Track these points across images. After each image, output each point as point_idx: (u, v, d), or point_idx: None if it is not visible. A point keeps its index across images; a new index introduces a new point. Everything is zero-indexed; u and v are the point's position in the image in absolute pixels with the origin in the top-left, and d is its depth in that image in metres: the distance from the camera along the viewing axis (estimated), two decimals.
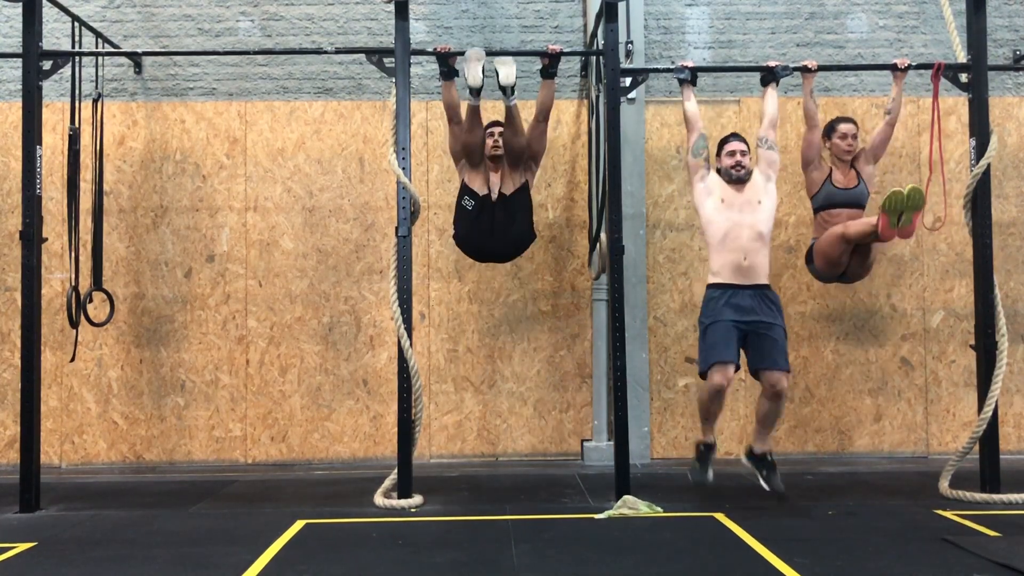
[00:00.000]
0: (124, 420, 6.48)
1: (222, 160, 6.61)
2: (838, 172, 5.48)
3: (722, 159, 5.13)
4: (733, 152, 5.09)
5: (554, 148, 6.58)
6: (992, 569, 3.75)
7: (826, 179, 5.46)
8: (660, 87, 6.73)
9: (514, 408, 6.55)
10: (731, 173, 5.06)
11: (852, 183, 5.45)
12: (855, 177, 5.47)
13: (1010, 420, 6.50)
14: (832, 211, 5.43)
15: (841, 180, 5.45)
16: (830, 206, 5.43)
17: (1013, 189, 6.68)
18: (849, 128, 5.49)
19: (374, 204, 6.59)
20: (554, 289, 6.58)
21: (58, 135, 6.41)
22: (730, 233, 4.97)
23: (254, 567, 3.91)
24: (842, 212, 5.41)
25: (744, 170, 5.06)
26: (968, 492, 5.10)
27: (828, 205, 5.44)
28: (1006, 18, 6.80)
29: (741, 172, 5.05)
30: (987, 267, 5.32)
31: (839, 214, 5.41)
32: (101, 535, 4.57)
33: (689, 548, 4.20)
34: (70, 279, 5.94)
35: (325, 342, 6.54)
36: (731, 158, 5.08)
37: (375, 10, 6.70)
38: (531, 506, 5.11)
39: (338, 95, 6.70)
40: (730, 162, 5.08)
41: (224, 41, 6.66)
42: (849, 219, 5.40)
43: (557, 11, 6.79)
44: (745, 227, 4.97)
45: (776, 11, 6.79)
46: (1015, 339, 6.45)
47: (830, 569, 3.80)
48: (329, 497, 5.42)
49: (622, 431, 5.12)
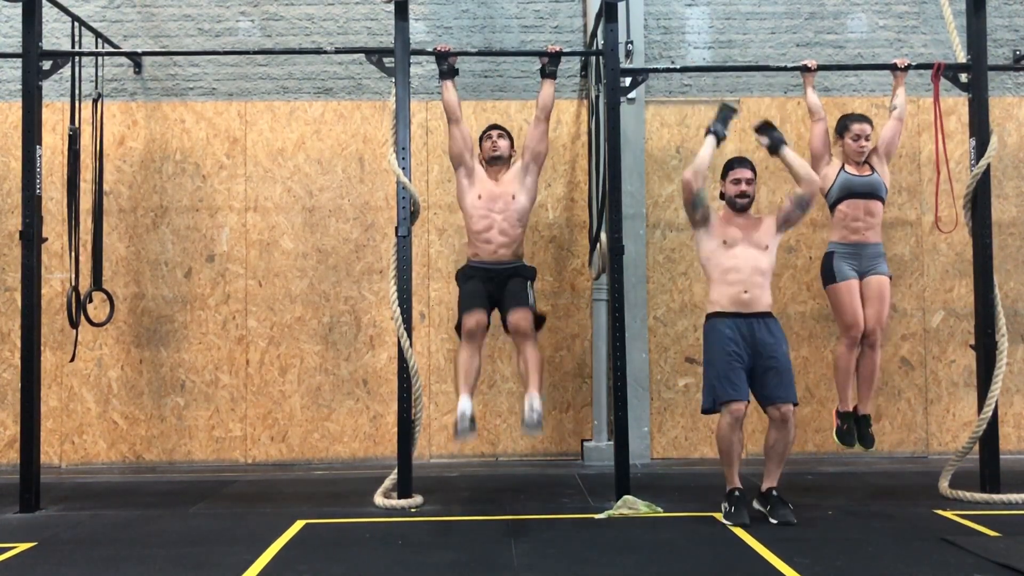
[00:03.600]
0: (124, 420, 6.48)
1: (222, 160, 6.61)
2: (850, 165, 5.35)
3: (726, 185, 4.88)
4: (738, 180, 4.84)
5: (554, 148, 6.57)
6: (992, 569, 3.75)
7: (839, 170, 5.31)
8: (660, 87, 6.73)
9: (514, 408, 6.55)
10: (735, 202, 4.83)
11: (867, 171, 5.32)
12: (869, 168, 5.34)
13: (1010, 420, 6.50)
14: (851, 201, 5.24)
15: (855, 169, 5.32)
16: (848, 196, 5.24)
17: (1013, 189, 6.68)
18: (863, 128, 5.31)
19: (374, 204, 6.59)
20: (554, 289, 6.58)
21: (58, 135, 6.41)
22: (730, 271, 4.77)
23: (254, 567, 3.91)
24: (860, 203, 5.23)
25: (748, 199, 4.83)
26: (968, 492, 5.10)
27: (846, 195, 5.25)
28: (1006, 18, 6.80)
29: (745, 201, 4.82)
30: (987, 267, 5.32)
31: (858, 205, 5.23)
32: (101, 535, 4.58)
33: (689, 548, 4.20)
34: (70, 279, 5.94)
35: (325, 342, 6.54)
36: (736, 186, 4.84)
37: (375, 10, 6.70)
38: (531, 506, 5.11)
39: (338, 95, 6.70)
40: (735, 190, 4.84)
41: (224, 41, 6.66)
42: (868, 213, 5.23)
43: (557, 11, 6.79)
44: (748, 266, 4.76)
45: (776, 11, 6.79)
46: (1015, 339, 6.45)
47: (830, 569, 3.80)
48: (329, 497, 5.42)
49: (622, 431, 5.12)
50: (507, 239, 5.23)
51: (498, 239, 5.23)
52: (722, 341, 4.72)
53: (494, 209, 5.24)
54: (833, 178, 5.32)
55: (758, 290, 4.77)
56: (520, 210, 5.27)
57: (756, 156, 6.60)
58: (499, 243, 5.23)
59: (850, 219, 5.27)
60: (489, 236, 5.23)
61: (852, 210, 5.26)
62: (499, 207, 5.24)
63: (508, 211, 5.23)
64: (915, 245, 6.62)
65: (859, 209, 5.25)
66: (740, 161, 4.98)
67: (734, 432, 4.67)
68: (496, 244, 5.23)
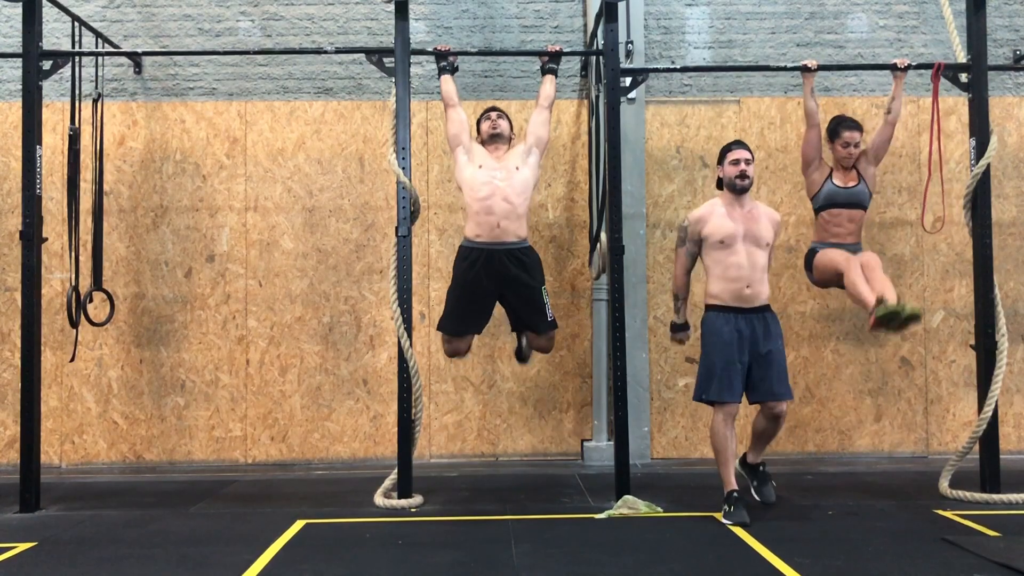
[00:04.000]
0: (124, 420, 6.48)
1: (222, 160, 6.61)
2: (838, 172, 5.48)
3: (725, 168, 4.90)
4: (737, 161, 4.86)
5: (554, 148, 6.58)
6: (992, 569, 3.75)
7: (826, 179, 5.44)
8: (660, 87, 6.73)
9: (514, 408, 6.55)
10: (735, 184, 4.85)
11: (852, 182, 5.43)
12: (856, 176, 5.46)
13: (1010, 420, 6.50)
14: (833, 211, 5.42)
15: (841, 179, 5.44)
16: (831, 206, 5.42)
17: (1013, 189, 6.68)
18: (852, 136, 5.41)
19: (374, 204, 6.59)
20: (554, 289, 6.57)
21: (58, 135, 6.41)
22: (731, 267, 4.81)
23: (254, 567, 3.91)
24: (843, 212, 5.40)
25: (748, 180, 4.85)
26: (968, 492, 5.10)
27: (829, 205, 5.42)
28: (1006, 18, 6.80)
29: (745, 182, 4.84)
30: (987, 267, 5.32)
31: (840, 214, 5.40)
32: (101, 535, 4.58)
33: (689, 548, 4.20)
34: (70, 279, 5.94)
35: (325, 342, 6.54)
36: (735, 167, 4.85)
37: (375, 10, 6.70)
38: (531, 506, 5.11)
39: (338, 95, 6.70)
40: (734, 171, 4.85)
41: (224, 41, 6.66)
42: (850, 220, 5.40)
43: (557, 11, 6.79)
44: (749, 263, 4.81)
45: (776, 11, 6.79)
46: (1015, 339, 6.45)
47: (830, 569, 3.81)
48: (329, 497, 5.42)
49: (622, 431, 5.12)
50: (510, 207, 5.05)
51: (501, 207, 5.05)
52: (721, 339, 4.77)
53: (496, 177, 5.11)
54: (820, 185, 5.44)
55: (759, 286, 4.83)
56: (523, 180, 5.13)
57: (756, 156, 6.62)
58: (502, 213, 5.04)
59: (832, 225, 5.44)
60: (491, 204, 5.04)
61: (834, 218, 5.43)
62: (501, 176, 5.11)
63: (511, 180, 5.09)
64: (915, 245, 6.62)
65: (841, 217, 5.41)
66: (738, 143, 5.00)
67: (727, 428, 4.75)
68: (498, 215, 5.04)
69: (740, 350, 4.75)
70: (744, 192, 4.89)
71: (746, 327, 4.78)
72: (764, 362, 4.77)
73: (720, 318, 4.81)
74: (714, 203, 4.97)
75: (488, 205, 5.07)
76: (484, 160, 5.21)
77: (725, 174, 4.92)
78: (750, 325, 4.79)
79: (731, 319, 4.79)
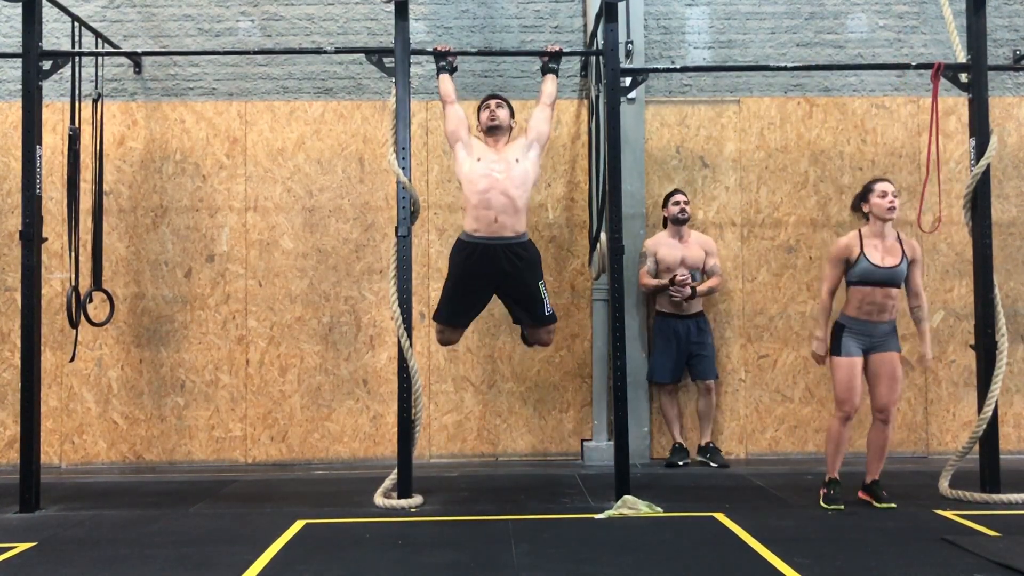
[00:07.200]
0: (124, 420, 6.48)
1: (222, 160, 6.61)
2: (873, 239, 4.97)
3: (668, 208, 6.29)
4: (678, 202, 6.29)
5: (554, 148, 6.58)
6: (992, 569, 3.75)
7: (860, 254, 4.95)
8: (660, 87, 6.73)
9: (514, 408, 6.55)
10: (677, 217, 6.28)
11: (891, 262, 4.94)
12: (898, 254, 4.96)
13: (1010, 420, 6.50)
14: (869, 288, 4.95)
15: (879, 257, 4.94)
16: (866, 284, 4.96)
17: (1013, 189, 6.68)
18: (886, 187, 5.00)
19: (374, 204, 6.59)
20: (554, 289, 6.56)
21: (58, 135, 6.41)
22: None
23: (254, 567, 3.91)
24: (878, 291, 4.94)
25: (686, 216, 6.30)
26: (968, 492, 5.11)
27: (864, 283, 4.96)
28: (1006, 18, 6.80)
29: (685, 216, 6.30)
30: (987, 267, 5.32)
31: (875, 292, 4.94)
32: (101, 535, 4.57)
33: (689, 548, 4.20)
34: (70, 279, 5.94)
35: (325, 342, 6.54)
36: (676, 207, 6.28)
37: (375, 10, 6.70)
38: (531, 506, 5.11)
39: (338, 95, 6.70)
40: (675, 210, 6.29)
41: (224, 41, 6.66)
42: (884, 297, 4.93)
43: (557, 11, 6.79)
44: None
45: (776, 11, 6.79)
46: (1015, 339, 6.45)
47: (830, 569, 3.81)
48: (329, 497, 5.42)
49: (622, 431, 5.12)
50: (507, 201, 5.03)
51: (499, 201, 5.03)
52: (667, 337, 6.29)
53: (495, 170, 5.09)
54: (855, 259, 4.97)
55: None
56: (523, 173, 5.11)
57: (756, 156, 6.64)
58: (499, 207, 5.03)
59: (865, 302, 4.98)
60: (489, 198, 5.03)
61: (868, 295, 4.97)
62: (500, 168, 5.09)
63: (510, 173, 5.08)
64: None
65: (876, 295, 4.96)
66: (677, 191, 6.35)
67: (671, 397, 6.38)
68: (496, 209, 5.03)
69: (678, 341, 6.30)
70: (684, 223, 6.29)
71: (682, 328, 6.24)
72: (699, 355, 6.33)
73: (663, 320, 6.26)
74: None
75: (486, 199, 5.07)
76: (483, 153, 5.21)
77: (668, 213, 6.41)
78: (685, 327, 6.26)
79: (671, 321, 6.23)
